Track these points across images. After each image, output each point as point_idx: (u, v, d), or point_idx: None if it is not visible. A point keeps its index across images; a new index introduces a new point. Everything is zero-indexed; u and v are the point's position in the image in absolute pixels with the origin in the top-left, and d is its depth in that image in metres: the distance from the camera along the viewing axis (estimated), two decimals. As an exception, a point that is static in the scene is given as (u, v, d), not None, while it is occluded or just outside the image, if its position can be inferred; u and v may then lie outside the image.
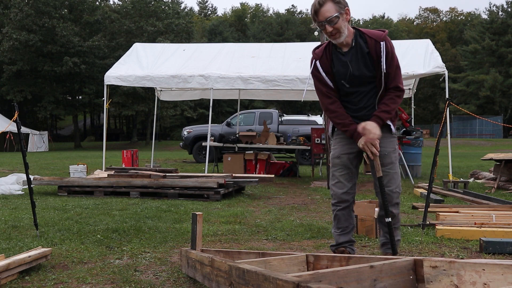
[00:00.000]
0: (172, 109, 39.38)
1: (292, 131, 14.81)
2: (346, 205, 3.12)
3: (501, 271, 2.02)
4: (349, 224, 3.16)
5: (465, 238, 3.95)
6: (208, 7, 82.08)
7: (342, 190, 3.10)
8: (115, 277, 3.00)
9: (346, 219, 3.14)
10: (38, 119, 44.98)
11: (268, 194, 7.40)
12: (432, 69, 8.86)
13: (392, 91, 2.99)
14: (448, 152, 9.03)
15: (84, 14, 38.76)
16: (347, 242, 3.16)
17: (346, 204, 3.12)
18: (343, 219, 3.14)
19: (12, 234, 4.30)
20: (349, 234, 3.18)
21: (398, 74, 3.00)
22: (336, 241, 3.19)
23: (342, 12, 2.86)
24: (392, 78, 2.97)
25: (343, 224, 3.14)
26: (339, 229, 3.16)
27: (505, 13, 50.81)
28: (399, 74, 3.01)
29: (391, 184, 3.03)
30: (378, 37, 2.94)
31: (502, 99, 46.29)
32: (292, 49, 10.67)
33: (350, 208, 3.16)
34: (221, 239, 4.12)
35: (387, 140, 3.04)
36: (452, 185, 7.55)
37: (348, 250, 3.13)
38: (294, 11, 68.10)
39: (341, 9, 2.86)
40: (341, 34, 2.89)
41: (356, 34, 2.98)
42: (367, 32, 2.99)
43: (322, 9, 2.85)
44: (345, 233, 3.15)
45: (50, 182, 7.45)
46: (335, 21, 2.84)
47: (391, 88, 2.98)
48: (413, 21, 75.11)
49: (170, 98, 13.20)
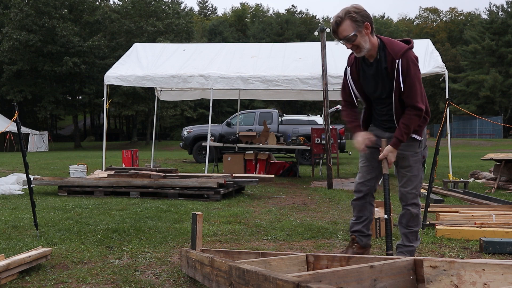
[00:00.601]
0: (172, 109, 39.39)
1: (292, 131, 14.80)
2: (360, 195, 3.27)
3: (501, 271, 2.02)
4: (362, 215, 3.30)
5: (465, 238, 3.95)
6: (208, 7, 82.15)
7: (360, 180, 3.28)
8: (115, 277, 3.00)
9: (360, 209, 3.30)
10: (38, 119, 44.97)
11: (268, 194, 7.40)
12: (432, 69, 8.87)
13: (410, 110, 2.97)
14: (448, 152, 9.03)
15: (84, 14, 38.75)
16: (358, 232, 3.31)
17: (360, 195, 3.27)
18: (357, 209, 3.31)
19: (12, 234, 4.30)
20: (361, 224, 3.30)
21: (415, 93, 2.93)
22: (349, 227, 3.40)
23: (360, 29, 2.87)
24: (406, 96, 2.94)
25: (358, 214, 3.32)
26: (354, 217, 3.35)
27: (505, 13, 50.79)
28: (416, 92, 2.93)
29: (407, 185, 3.14)
30: (396, 53, 2.92)
31: (502, 99, 46.29)
32: (292, 49, 10.67)
33: (367, 200, 3.28)
34: (221, 239, 4.12)
35: (407, 143, 3.08)
36: (452, 185, 7.55)
37: (357, 239, 3.29)
38: (294, 11, 68.09)
39: (359, 26, 2.87)
40: (361, 49, 2.93)
41: (380, 47, 2.99)
42: (389, 45, 2.97)
43: (340, 29, 2.90)
44: (358, 223, 3.31)
45: (50, 182, 7.45)
46: (353, 39, 2.89)
47: (408, 106, 2.97)
48: (413, 21, 75.14)
49: (170, 98, 13.19)
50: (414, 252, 3.19)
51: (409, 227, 3.17)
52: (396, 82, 2.92)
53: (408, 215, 3.14)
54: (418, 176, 3.15)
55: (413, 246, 3.18)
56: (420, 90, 2.97)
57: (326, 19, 70.48)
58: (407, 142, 3.06)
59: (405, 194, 3.14)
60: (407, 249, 3.16)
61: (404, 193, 3.13)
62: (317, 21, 66.07)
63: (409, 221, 3.16)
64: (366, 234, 3.31)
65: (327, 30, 8.35)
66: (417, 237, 3.23)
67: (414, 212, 3.14)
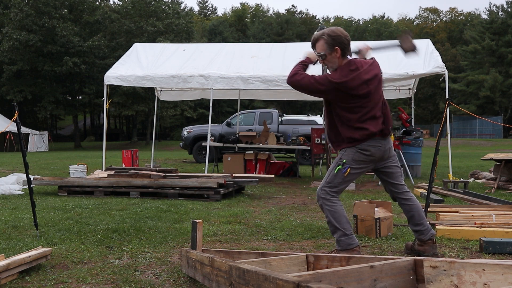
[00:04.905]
0: (172, 109, 39.35)
1: (292, 131, 14.79)
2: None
3: (501, 271, 2.02)
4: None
5: (465, 238, 3.95)
6: (208, 7, 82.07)
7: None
8: (115, 277, 3.00)
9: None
10: (38, 119, 44.92)
11: (268, 194, 7.40)
12: (432, 69, 8.86)
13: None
14: (448, 152, 9.03)
15: (84, 14, 38.71)
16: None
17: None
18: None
19: (12, 234, 4.30)
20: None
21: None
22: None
23: (330, 51, 3.28)
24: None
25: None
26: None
27: (505, 13, 50.76)
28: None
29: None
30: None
31: (502, 99, 46.26)
32: (292, 49, 10.65)
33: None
34: (221, 239, 4.12)
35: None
36: (452, 185, 7.55)
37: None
38: (294, 11, 68.06)
39: (330, 49, 3.28)
40: (329, 67, 3.37)
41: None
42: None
43: (316, 45, 3.38)
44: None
45: (50, 182, 7.45)
46: (324, 57, 3.33)
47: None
48: (413, 21, 75.05)
49: (170, 98, 13.19)
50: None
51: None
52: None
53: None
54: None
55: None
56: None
57: (326, 19, 70.52)
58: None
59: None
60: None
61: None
62: (317, 21, 66.07)
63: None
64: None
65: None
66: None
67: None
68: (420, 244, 3.41)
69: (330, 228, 3.34)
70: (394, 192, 3.46)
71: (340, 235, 3.27)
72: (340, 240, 3.27)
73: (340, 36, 3.27)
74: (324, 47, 3.28)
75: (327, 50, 3.28)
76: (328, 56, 3.29)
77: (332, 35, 3.27)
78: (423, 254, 3.34)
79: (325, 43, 3.27)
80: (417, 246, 3.43)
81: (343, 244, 3.25)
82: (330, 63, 3.32)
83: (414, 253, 3.45)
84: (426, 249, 3.38)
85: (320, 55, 3.32)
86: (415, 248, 3.45)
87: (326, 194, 3.32)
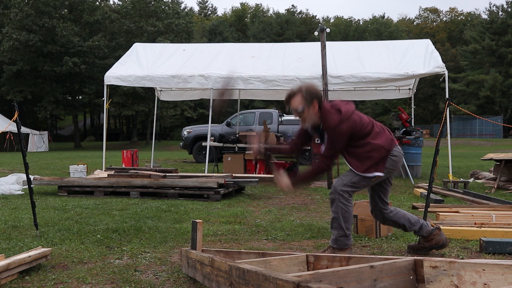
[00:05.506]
0: (172, 109, 39.34)
1: (292, 131, 14.79)
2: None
3: (501, 271, 2.02)
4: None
5: (465, 238, 3.95)
6: (208, 7, 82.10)
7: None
8: (115, 277, 3.00)
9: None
10: (38, 119, 44.94)
11: (268, 194, 7.40)
12: (432, 69, 8.87)
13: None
14: (448, 152, 9.03)
15: (84, 14, 38.71)
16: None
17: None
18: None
19: (12, 234, 4.30)
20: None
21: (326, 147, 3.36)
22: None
23: (308, 106, 3.25)
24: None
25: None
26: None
27: (505, 13, 50.79)
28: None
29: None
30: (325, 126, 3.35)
31: (502, 99, 46.27)
32: (292, 49, 10.67)
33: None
34: (221, 239, 4.12)
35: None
36: (452, 185, 7.55)
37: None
38: (294, 11, 68.09)
39: (308, 103, 3.25)
40: (306, 122, 3.34)
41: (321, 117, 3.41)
42: (324, 117, 3.35)
43: (292, 100, 3.30)
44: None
45: (50, 182, 7.45)
46: (301, 112, 3.28)
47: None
48: (413, 21, 75.10)
49: (170, 98, 13.20)
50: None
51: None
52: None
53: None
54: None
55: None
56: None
57: (326, 19, 70.51)
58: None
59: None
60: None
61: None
62: (317, 21, 66.08)
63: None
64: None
65: (327, 30, 8.36)
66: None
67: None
68: (428, 240, 3.44)
69: (334, 223, 3.36)
70: (381, 210, 3.49)
71: (340, 235, 3.30)
72: (338, 239, 3.31)
73: (316, 90, 3.32)
74: (303, 102, 3.26)
75: (305, 104, 3.25)
76: (306, 111, 3.27)
77: (309, 91, 3.28)
78: (436, 246, 3.43)
79: (303, 98, 3.25)
80: (426, 243, 3.46)
81: (341, 243, 3.31)
82: (306, 118, 3.30)
83: (423, 251, 3.48)
84: (438, 239, 3.43)
85: (298, 110, 3.28)
86: (425, 246, 3.47)
87: (345, 193, 3.33)
